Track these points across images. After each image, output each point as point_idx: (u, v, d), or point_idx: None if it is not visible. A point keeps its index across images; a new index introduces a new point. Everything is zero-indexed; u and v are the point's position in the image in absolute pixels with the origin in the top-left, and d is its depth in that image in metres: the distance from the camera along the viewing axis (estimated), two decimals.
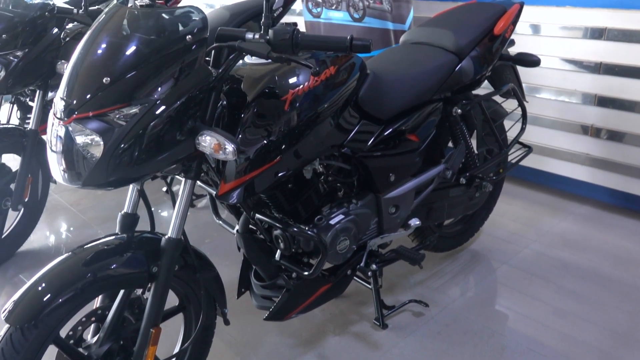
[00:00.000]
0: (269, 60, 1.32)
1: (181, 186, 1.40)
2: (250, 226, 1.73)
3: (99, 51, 1.24)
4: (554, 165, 2.91)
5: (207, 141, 1.26)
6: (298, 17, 3.85)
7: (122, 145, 1.20)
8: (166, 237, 1.40)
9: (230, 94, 1.46)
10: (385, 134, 1.78)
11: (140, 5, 1.32)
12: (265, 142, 1.44)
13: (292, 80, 1.49)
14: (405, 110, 1.84)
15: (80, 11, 2.45)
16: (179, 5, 3.52)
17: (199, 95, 1.29)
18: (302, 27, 3.90)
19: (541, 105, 2.86)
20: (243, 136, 1.42)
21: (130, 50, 1.23)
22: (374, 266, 1.91)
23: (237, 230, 1.73)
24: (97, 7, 2.60)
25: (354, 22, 3.36)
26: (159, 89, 1.23)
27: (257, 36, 1.33)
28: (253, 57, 1.50)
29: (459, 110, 1.97)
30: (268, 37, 1.31)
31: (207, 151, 1.27)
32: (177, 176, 1.45)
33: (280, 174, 1.52)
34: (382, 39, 3.23)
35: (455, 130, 2.03)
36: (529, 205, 2.91)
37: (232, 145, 1.24)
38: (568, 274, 2.30)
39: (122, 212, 1.50)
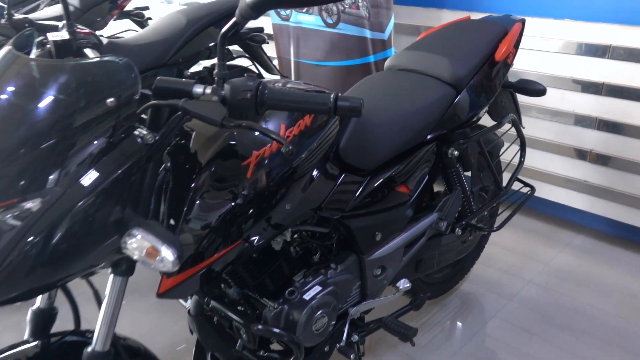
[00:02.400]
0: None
1: (108, 284, 1.06)
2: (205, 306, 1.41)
3: None
4: (549, 191, 2.65)
5: (137, 244, 0.92)
6: (265, 20, 3.48)
7: (14, 254, 0.85)
8: (89, 349, 1.06)
9: (176, 153, 1.12)
10: (371, 187, 1.47)
11: (45, 53, 0.97)
12: (222, 221, 1.12)
13: (257, 137, 1.16)
14: (395, 157, 1.53)
15: (3, 21, 2.05)
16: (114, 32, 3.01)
17: (127, 176, 0.95)
18: (269, 30, 3.53)
19: (535, 126, 2.60)
20: (193, 214, 1.09)
21: (26, 119, 0.87)
22: (355, 337, 1.61)
23: (188, 312, 1.40)
24: (24, 16, 2.20)
25: (326, 27, 3.02)
26: (68, 172, 0.88)
27: (208, 91, 0.99)
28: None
29: (456, 152, 1.66)
30: (223, 94, 0.98)
31: (137, 257, 0.93)
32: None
33: (242, 256, 1.20)
34: (359, 47, 2.91)
35: (451, 174, 1.73)
36: (522, 234, 2.65)
37: (173, 253, 0.91)
38: (569, 329, 2.05)
39: (34, 307, 1.15)
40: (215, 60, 1.11)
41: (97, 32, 3.12)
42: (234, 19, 0.96)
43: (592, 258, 2.46)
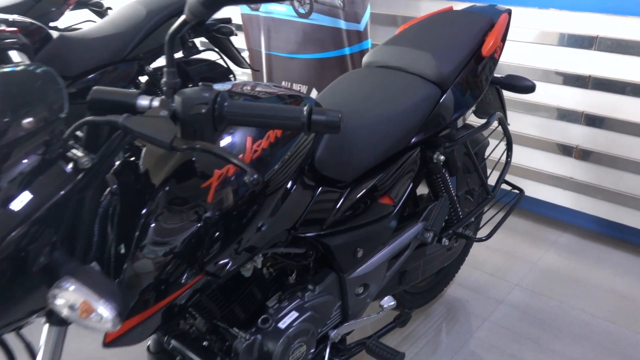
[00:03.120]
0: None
1: (43, 334, 0.89)
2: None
3: None
4: (534, 189, 2.55)
5: (67, 298, 0.76)
6: (234, 9, 3.28)
7: None
8: None
9: (124, 172, 0.95)
10: (351, 200, 1.32)
11: None
12: (181, 250, 0.96)
13: None
14: (377, 165, 1.38)
15: None
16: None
17: (58, 208, 0.78)
18: (237, 20, 3.34)
19: (519, 121, 2.48)
20: (146, 245, 0.92)
21: None
22: None
23: (147, 348, 1.24)
24: None
25: (299, 17, 2.84)
26: None
27: (155, 103, 0.82)
28: None
29: (442, 157, 1.53)
30: (173, 107, 0.81)
31: (67, 315, 0.77)
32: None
33: (205, 290, 1.04)
34: (333, 39, 2.74)
35: (436, 180, 1.59)
36: (507, 233, 2.55)
37: (112, 310, 0.75)
38: (561, 334, 1.95)
39: None
40: (181, 55, 0.95)
41: (53, 24, 2.88)
42: (182, 17, 0.80)
43: (579, 258, 2.36)
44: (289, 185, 1.13)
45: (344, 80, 1.53)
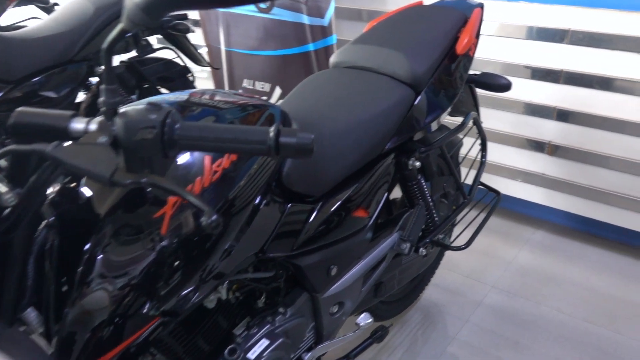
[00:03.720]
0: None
1: None
2: None
3: None
4: (506, 186, 2.50)
5: None
6: None
7: None
8: None
9: (63, 201, 0.82)
10: (323, 216, 1.21)
11: None
12: (132, 290, 0.83)
13: (174, 177, 0.87)
14: (350, 176, 1.27)
15: None
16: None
17: None
18: (195, 15, 3.18)
19: (490, 117, 2.42)
20: (92, 283, 0.80)
21: None
22: None
23: None
24: None
25: (260, 12, 2.70)
26: None
27: (93, 127, 0.69)
28: None
29: (417, 163, 1.43)
30: (114, 132, 0.69)
31: None
32: None
33: (165, 328, 0.92)
34: (296, 35, 2.62)
35: (412, 187, 1.50)
36: (481, 232, 2.47)
37: None
38: (540, 335, 1.90)
39: None
40: (135, 53, 0.81)
41: None
42: (120, 26, 0.67)
43: (553, 256, 2.32)
44: (255, 205, 1.02)
45: (310, 83, 1.41)
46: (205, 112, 0.97)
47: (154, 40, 2.81)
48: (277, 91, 2.88)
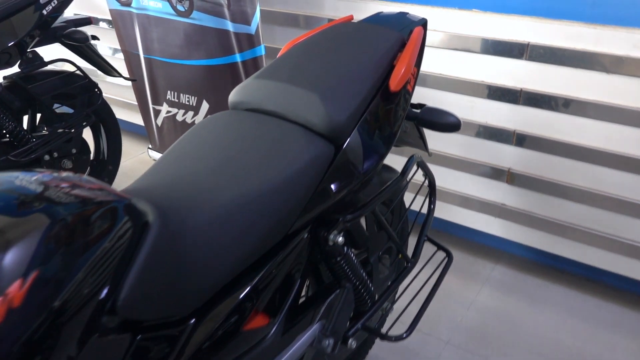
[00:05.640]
0: None
1: None
2: None
3: None
4: (462, 216, 2.21)
5: None
6: (100, 3, 2.70)
7: None
8: None
9: None
10: (197, 341, 0.87)
11: None
12: None
13: None
14: (239, 275, 0.94)
15: None
16: None
17: None
18: (104, 15, 2.77)
19: (443, 140, 2.12)
20: None
21: None
22: None
23: None
24: None
25: (178, 16, 2.32)
26: None
27: None
28: None
29: (340, 239, 1.10)
30: None
31: None
32: None
33: None
34: (220, 43, 2.25)
35: (336, 264, 1.17)
36: (434, 266, 2.19)
37: None
38: None
39: None
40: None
41: None
42: None
43: (516, 297, 2.05)
44: (82, 335, 0.68)
45: (195, 135, 1.06)
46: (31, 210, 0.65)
47: (52, 49, 2.39)
48: (205, 105, 2.51)
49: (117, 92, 3.19)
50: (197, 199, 0.89)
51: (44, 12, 2.00)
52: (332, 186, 1.07)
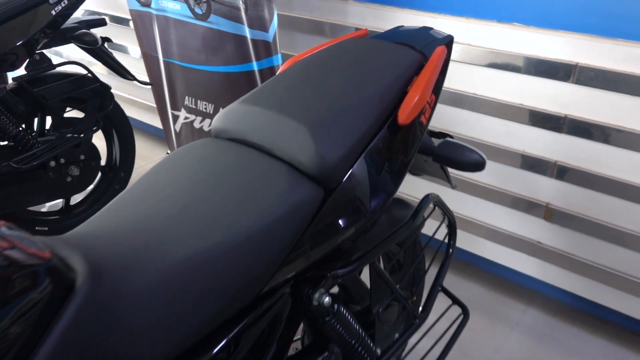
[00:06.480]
0: None
1: None
2: None
3: None
4: (491, 250, 1.99)
5: None
6: (122, 4, 2.60)
7: None
8: None
9: None
10: None
11: None
12: None
13: None
14: (197, 345, 0.77)
15: None
16: None
17: None
18: (114, 13, 2.67)
19: None
20: None
21: None
22: None
23: None
24: None
25: (195, 19, 2.19)
26: None
27: None
28: None
29: (327, 298, 0.93)
30: None
31: None
32: None
33: None
34: (238, 50, 2.11)
35: (323, 325, 0.99)
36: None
37: None
38: None
39: None
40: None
41: None
42: None
43: (548, 348, 1.82)
44: None
45: (162, 169, 0.90)
46: None
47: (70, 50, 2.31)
48: None
49: (139, 93, 3.10)
50: (146, 253, 0.74)
51: (54, 12, 1.90)
52: (319, 237, 0.89)
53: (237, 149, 0.93)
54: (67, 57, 3.24)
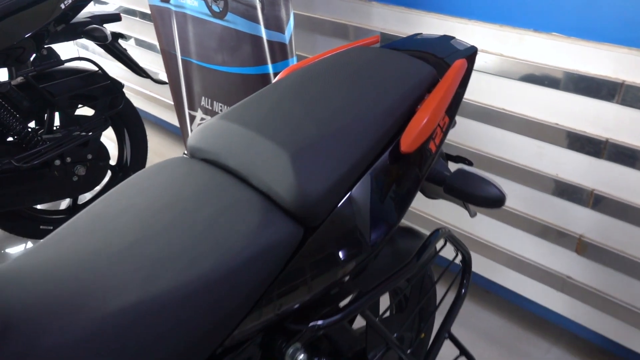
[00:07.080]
0: None
1: None
2: None
3: None
4: (514, 281, 1.82)
5: None
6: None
7: None
8: None
9: None
10: None
11: None
12: None
13: None
14: None
15: None
16: None
17: None
18: (145, 10, 2.59)
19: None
20: None
21: None
22: None
23: None
24: None
25: (213, 17, 2.08)
26: None
27: None
28: None
29: (301, 355, 0.79)
30: None
31: None
32: None
33: None
34: (253, 51, 1.99)
35: None
36: (474, 340, 1.82)
37: None
38: None
39: None
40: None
41: None
42: None
43: None
44: None
45: (123, 191, 0.79)
46: None
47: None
48: None
49: (161, 91, 3.03)
50: (77, 301, 0.62)
51: (63, 5, 1.82)
52: (296, 282, 0.76)
53: (209, 174, 0.81)
54: (93, 52, 3.20)
